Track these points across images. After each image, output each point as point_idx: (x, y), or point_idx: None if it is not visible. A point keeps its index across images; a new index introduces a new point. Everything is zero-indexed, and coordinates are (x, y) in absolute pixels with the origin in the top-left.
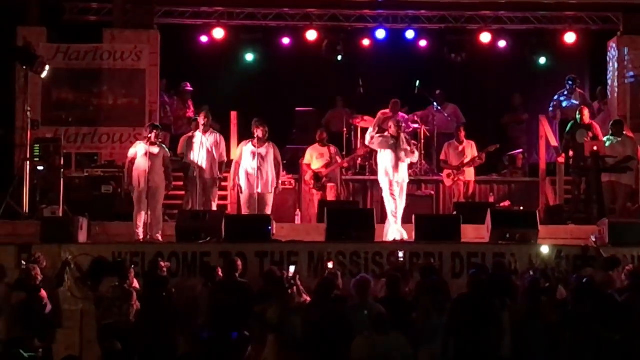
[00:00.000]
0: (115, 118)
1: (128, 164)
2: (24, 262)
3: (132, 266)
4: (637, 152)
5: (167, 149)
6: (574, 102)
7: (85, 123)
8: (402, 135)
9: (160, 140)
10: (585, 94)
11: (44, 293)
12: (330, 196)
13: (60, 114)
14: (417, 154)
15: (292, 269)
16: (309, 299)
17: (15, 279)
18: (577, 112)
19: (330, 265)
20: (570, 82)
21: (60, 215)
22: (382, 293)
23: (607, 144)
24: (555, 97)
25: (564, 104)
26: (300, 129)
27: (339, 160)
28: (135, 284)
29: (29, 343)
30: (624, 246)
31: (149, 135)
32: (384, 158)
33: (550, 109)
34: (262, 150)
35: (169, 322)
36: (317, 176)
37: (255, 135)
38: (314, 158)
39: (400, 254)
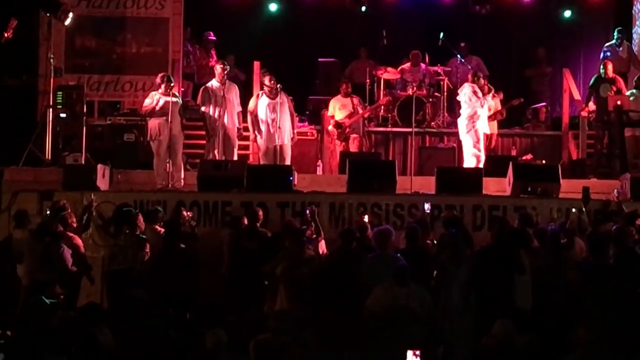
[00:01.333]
0: (138, 66)
1: (145, 112)
2: (47, 209)
3: (139, 212)
4: None
5: (179, 99)
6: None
7: (108, 71)
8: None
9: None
10: (632, 48)
11: (79, 240)
12: (353, 147)
13: (83, 61)
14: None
15: (307, 211)
16: (324, 244)
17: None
18: (601, 66)
19: (365, 218)
20: (616, 35)
21: (83, 162)
22: (402, 245)
23: (632, 98)
24: (604, 48)
25: (607, 54)
26: (323, 80)
27: (361, 111)
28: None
29: (51, 289)
30: None
31: (162, 87)
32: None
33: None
34: (278, 101)
35: (189, 270)
36: (340, 126)
37: (266, 86)
38: (337, 109)
39: (427, 206)
